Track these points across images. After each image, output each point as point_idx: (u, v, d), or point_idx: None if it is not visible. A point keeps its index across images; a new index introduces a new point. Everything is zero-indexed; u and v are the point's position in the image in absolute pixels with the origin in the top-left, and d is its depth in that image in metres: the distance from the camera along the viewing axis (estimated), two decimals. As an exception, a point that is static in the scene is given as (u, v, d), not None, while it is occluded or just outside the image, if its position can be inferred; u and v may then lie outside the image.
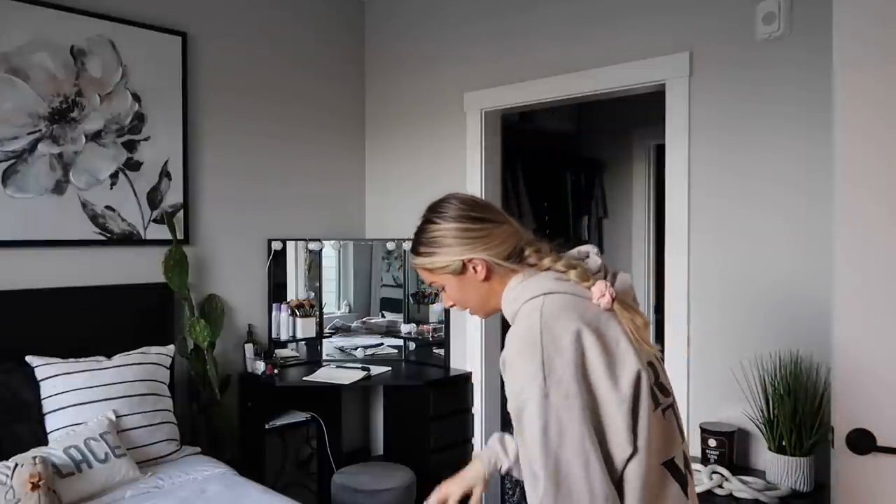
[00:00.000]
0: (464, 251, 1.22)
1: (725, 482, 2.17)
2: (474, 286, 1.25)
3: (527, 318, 1.11)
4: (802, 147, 2.26)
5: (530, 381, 1.04)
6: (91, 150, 2.77)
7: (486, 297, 1.26)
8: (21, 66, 2.59)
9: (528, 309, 1.13)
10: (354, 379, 3.06)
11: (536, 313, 1.11)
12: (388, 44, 3.68)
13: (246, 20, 3.30)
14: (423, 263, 1.27)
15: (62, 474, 2.13)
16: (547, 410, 1.02)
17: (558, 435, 1.02)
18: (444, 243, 1.24)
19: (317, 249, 3.48)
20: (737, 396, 2.35)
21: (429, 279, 1.29)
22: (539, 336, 1.07)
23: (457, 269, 1.24)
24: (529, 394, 1.04)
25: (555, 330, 1.07)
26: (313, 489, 3.25)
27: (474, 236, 1.23)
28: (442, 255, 1.24)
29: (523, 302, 1.16)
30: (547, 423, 1.02)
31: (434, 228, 1.26)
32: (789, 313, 2.30)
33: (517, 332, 1.11)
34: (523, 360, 1.07)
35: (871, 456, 1.47)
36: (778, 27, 2.27)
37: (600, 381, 1.06)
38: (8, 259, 2.58)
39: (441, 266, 1.24)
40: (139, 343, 2.73)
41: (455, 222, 1.24)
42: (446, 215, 1.25)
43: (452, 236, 1.23)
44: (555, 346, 1.06)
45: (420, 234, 1.28)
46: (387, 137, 3.70)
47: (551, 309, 1.11)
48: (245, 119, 3.30)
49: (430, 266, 1.26)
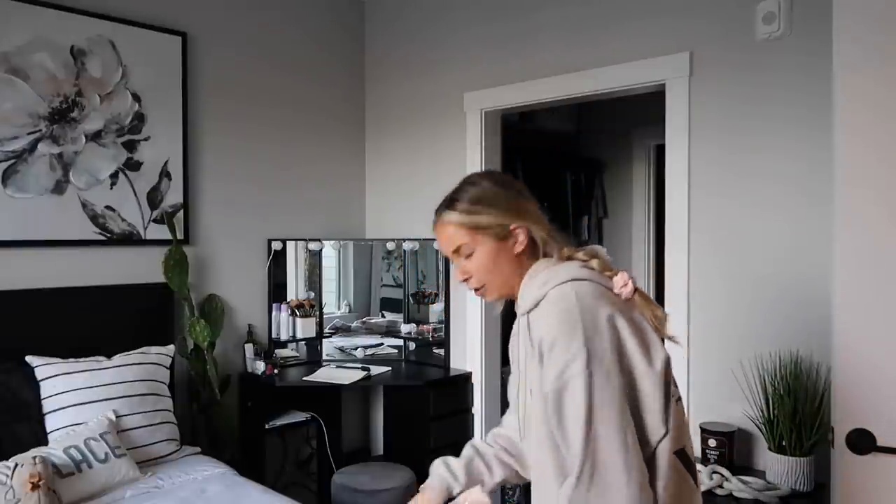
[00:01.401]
0: (510, 217, 1.19)
1: (725, 482, 2.17)
2: (507, 259, 1.20)
3: (561, 301, 1.10)
4: (802, 147, 2.26)
5: (574, 360, 1.04)
6: (91, 150, 2.77)
7: (511, 275, 1.21)
8: (21, 66, 2.58)
9: (559, 293, 1.11)
10: (354, 379, 3.06)
11: (571, 296, 1.09)
12: (389, 43, 3.68)
13: (246, 20, 3.30)
14: (463, 220, 1.19)
15: (62, 474, 2.13)
16: (591, 388, 1.03)
17: (601, 412, 1.02)
18: (493, 203, 1.19)
19: (317, 249, 3.48)
20: (737, 396, 2.35)
21: (458, 241, 1.20)
22: (579, 317, 1.07)
23: (500, 234, 1.18)
24: (573, 372, 1.04)
25: (592, 312, 1.08)
26: (313, 489, 3.25)
27: (519, 207, 1.20)
28: (489, 215, 1.18)
29: (552, 286, 1.13)
30: (591, 401, 1.03)
31: (480, 188, 1.20)
32: (789, 313, 2.30)
33: (555, 314, 1.09)
34: (566, 339, 1.06)
35: (871, 456, 1.47)
36: (778, 27, 2.27)
37: (637, 363, 1.08)
38: (8, 259, 2.58)
39: (485, 226, 1.18)
40: (139, 343, 2.73)
41: (501, 188, 1.20)
42: (490, 180, 1.21)
43: (501, 199, 1.19)
44: (594, 326, 1.06)
45: (461, 192, 1.21)
46: (387, 137, 3.70)
47: (584, 293, 1.10)
48: (245, 119, 3.30)
49: (470, 224, 1.18)
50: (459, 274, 1.24)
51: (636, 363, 1.08)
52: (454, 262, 1.25)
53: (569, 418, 1.04)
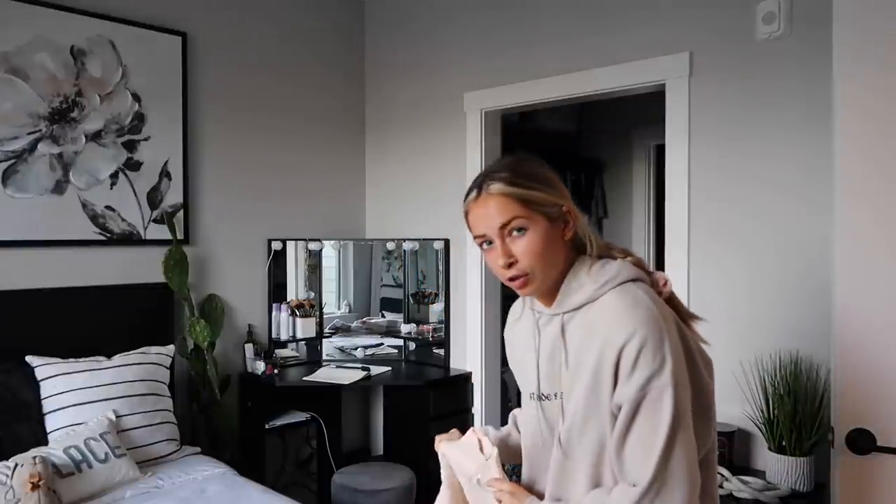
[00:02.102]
0: (562, 197, 1.09)
1: (725, 482, 2.17)
2: (556, 243, 1.08)
3: (637, 304, 1.01)
4: (803, 147, 2.26)
5: (661, 371, 0.98)
6: (91, 150, 2.77)
7: (555, 262, 1.09)
8: (21, 66, 2.58)
9: (630, 294, 1.03)
10: (354, 379, 3.06)
11: (645, 298, 1.02)
12: (388, 44, 3.68)
13: (246, 20, 3.30)
14: (516, 192, 1.05)
15: (62, 474, 2.13)
16: (677, 400, 0.97)
17: (681, 424, 0.97)
18: (546, 180, 1.08)
19: (317, 249, 3.48)
20: (737, 396, 2.35)
21: (511, 213, 1.06)
22: (661, 324, 1.00)
23: (554, 215, 1.07)
24: (662, 383, 0.97)
25: (664, 317, 1.01)
26: (313, 489, 3.25)
27: (566, 191, 1.11)
28: (543, 191, 1.07)
29: (616, 284, 1.05)
30: (677, 413, 0.97)
31: (530, 162, 1.11)
32: (789, 314, 2.30)
33: (635, 317, 1.00)
34: (653, 347, 0.98)
35: (871, 456, 1.47)
36: (778, 27, 2.27)
37: (699, 372, 1.05)
38: (8, 259, 2.58)
39: (542, 203, 1.06)
40: (139, 343, 2.73)
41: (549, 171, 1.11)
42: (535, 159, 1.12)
43: (552, 178, 1.10)
44: (670, 335, 1.00)
45: (520, 165, 1.10)
46: (387, 137, 3.70)
47: (652, 295, 1.04)
48: (245, 119, 3.30)
49: (524, 197, 1.05)
50: (503, 257, 1.06)
51: (698, 373, 1.04)
52: (495, 242, 1.08)
53: (647, 431, 0.97)
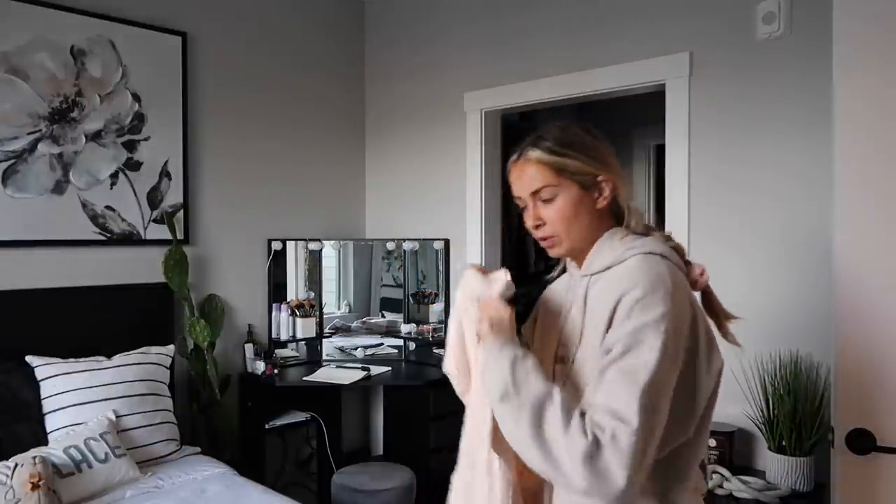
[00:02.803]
0: (598, 166, 1.12)
1: (725, 482, 2.17)
2: (588, 211, 1.12)
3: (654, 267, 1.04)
4: (803, 147, 2.26)
5: (654, 327, 0.97)
6: (91, 150, 2.77)
7: (588, 230, 1.13)
8: (21, 66, 2.58)
9: (650, 260, 1.05)
10: (354, 379, 3.06)
11: (663, 266, 1.04)
12: (389, 44, 3.68)
13: (246, 20, 3.30)
14: (549, 160, 1.11)
15: (62, 474, 2.13)
16: (661, 363, 0.95)
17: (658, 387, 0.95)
18: (582, 149, 1.12)
19: (317, 249, 3.48)
20: (737, 396, 2.35)
21: (541, 182, 1.12)
22: (671, 290, 1.00)
23: (586, 183, 1.11)
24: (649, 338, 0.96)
25: (680, 294, 1.02)
26: (313, 489, 3.25)
27: (608, 159, 1.14)
28: (580, 160, 1.11)
29: (638, 252, 1.07)
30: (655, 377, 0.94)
31: (570, 131, 1.13)
32: (789, 313, 2.29)
33: (646, 276, 1.01)
34: (652, 302, 0.99)
35: (871, 456, 1.46)
36: (778, 27, 2.27)
37: (701, 359, 1.03)
38: (8, 259, 2.58)
39: (573, 171, 1.10)
40: (139, 343, 2.73)
41: (590, 135, 1.14)
42: (580, 126, 1.15)
43: (590, 145, 1.13)
44: (679, 308, 1.00)
45: (549, 132, 1.14)
46: (387, 137, 3.70)
47: (675, 270, 1.06)
48: (245, 119, 3.30)
49: (557, 165, 1.10)
50: (532, 219, 1.14)
51: (701, 360, 1.03)
52: (528, 205, 1.15)
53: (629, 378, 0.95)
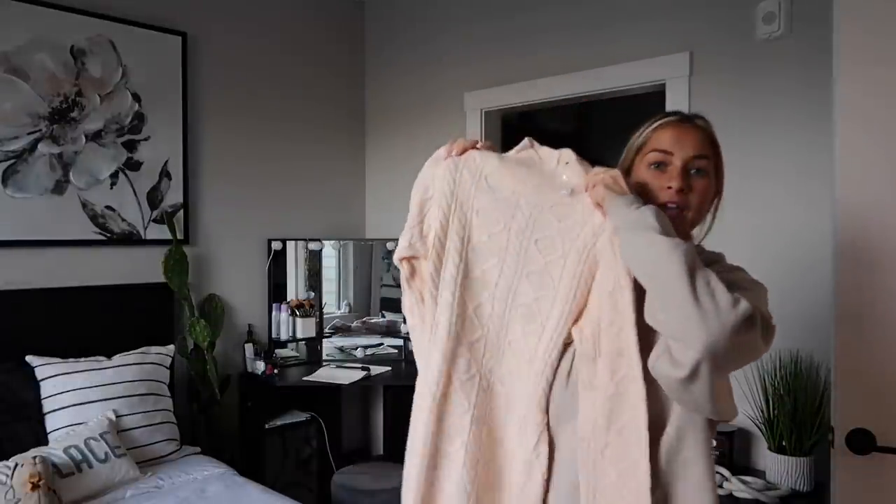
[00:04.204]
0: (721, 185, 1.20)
1: (725, 482, 2.17)
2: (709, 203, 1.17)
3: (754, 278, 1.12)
4: (803, 146, 2.26)
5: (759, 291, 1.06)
6: (91, 150, 2.77)
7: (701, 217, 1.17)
8: (21, 66, 2.58)
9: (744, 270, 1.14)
10: (354, 379, 3.06)
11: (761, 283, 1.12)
12: (388, 44, 3.68)
13: (246, 20, 3.30)
14: (716, 143, 1.17)
15: (62, 474, 2.13)
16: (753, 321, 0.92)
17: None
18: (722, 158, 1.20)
19: (317, 249, 3.48)
20: (737, 396, 2.34)
21: (704, 150, 1.13)
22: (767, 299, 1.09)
23: (719, 182, 1.19)
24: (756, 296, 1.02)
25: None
26: (313, 489, 3.25)
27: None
28: (723, 166, 1.19)
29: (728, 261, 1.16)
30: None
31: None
32: (789, 313, 2.29)
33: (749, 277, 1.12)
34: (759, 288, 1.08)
35: (871, 456, 1.46)
36: (778, 27, 2.27)
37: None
38: (8, 259, 2.58)
39: (720, 164, 1.18)
40: (139, 343, 2.73)
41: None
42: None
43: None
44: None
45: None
46: (387, 137, 3.70)
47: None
48: (245, 119, 3.30)
49: (718, 152, 1.18)
50: (678, 181, 1.10)
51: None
52: (675, 165, 1.12)
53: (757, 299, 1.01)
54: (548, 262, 1.08)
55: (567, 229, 1.09)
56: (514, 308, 1.10)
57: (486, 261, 1.13)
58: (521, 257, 1.10)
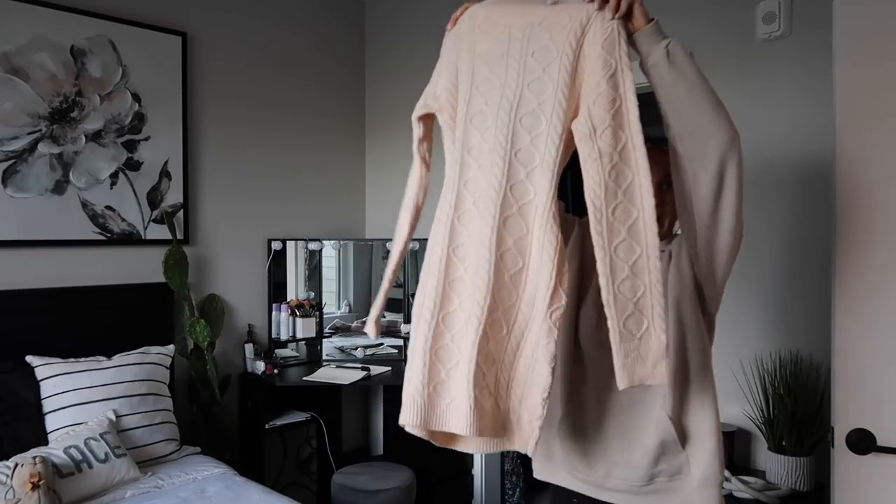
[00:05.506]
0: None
1: (725, 482, 2.17)
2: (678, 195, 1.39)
3: None
4: (802, 145, 2.26)
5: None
6: (91, 150, 2.77)
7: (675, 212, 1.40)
8: (21, 66, 2.59)
9: None
10: (354, 379, 3.06)
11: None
12: (389, 44, 3.68)
13: (246, 20, 3.30)
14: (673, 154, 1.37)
15: (62, 474, 2.13)
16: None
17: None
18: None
19: (317, 249, 3.48)
20: (737, 396, 2.35)
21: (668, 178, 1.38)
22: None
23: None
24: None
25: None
26: (313, 489, 3.25)
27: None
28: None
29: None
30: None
31: None
32: (789, 314, 2.29)
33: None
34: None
35: (871, 456, 1.46)
36: (778, 27, 2.27)
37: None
38: (8, 259, 2.58)
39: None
40: (139, 343, 2.73)
41: None
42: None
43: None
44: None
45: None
46: (387, 137, 3.70)
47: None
48: (245, 119, 3.30)
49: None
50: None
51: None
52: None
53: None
54: (545, 67, 1.17)
55: (557, 34, 1.17)
56: (517, 120, 1.17)
57: (489, 93, 1.21)
58: (522, 72, 1.18)
